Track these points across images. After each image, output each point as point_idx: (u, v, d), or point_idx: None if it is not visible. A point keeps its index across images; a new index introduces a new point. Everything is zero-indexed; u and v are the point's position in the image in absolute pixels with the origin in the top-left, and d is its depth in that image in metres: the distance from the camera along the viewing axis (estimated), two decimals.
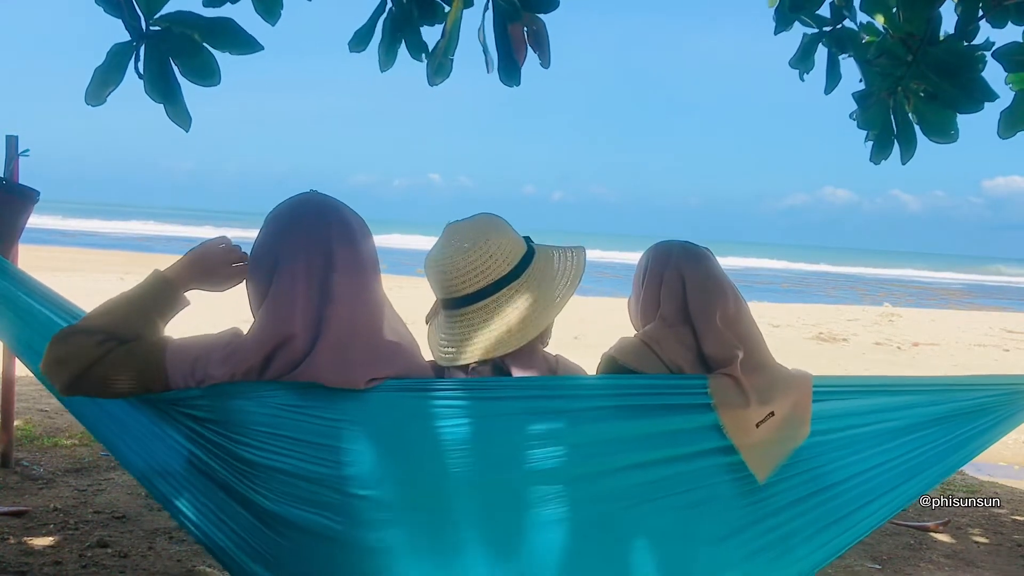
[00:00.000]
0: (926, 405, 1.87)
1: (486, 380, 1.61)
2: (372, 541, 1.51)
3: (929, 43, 2.95)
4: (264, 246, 1.60)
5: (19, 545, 3.23)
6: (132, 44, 2.38)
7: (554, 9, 2.96)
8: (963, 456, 1.92)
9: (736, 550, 1.64)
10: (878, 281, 34.16)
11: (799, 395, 1.70)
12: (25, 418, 4.91)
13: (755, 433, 1.62)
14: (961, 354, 11.06)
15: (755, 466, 1.62)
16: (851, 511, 1.76)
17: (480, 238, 1.66)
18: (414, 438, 1.52)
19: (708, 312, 1.71)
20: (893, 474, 1.81)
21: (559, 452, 1.54)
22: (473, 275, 1.64)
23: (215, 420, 1.57)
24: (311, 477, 1.51)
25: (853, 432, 1.79)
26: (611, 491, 1.57)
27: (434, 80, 3.11)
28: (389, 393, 1.53)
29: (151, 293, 1.64)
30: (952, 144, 3.09)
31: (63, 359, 1.53)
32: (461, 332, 1.66)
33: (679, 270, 1.76)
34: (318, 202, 1.63)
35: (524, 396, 1.57)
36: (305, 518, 1.52)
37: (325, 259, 1.54)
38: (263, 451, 1.53)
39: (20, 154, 2.94)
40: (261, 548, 1.60)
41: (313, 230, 1.57)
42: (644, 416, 1.59)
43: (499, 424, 1.53)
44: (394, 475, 1.50)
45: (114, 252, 23.99)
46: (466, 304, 1.66)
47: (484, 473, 1.52)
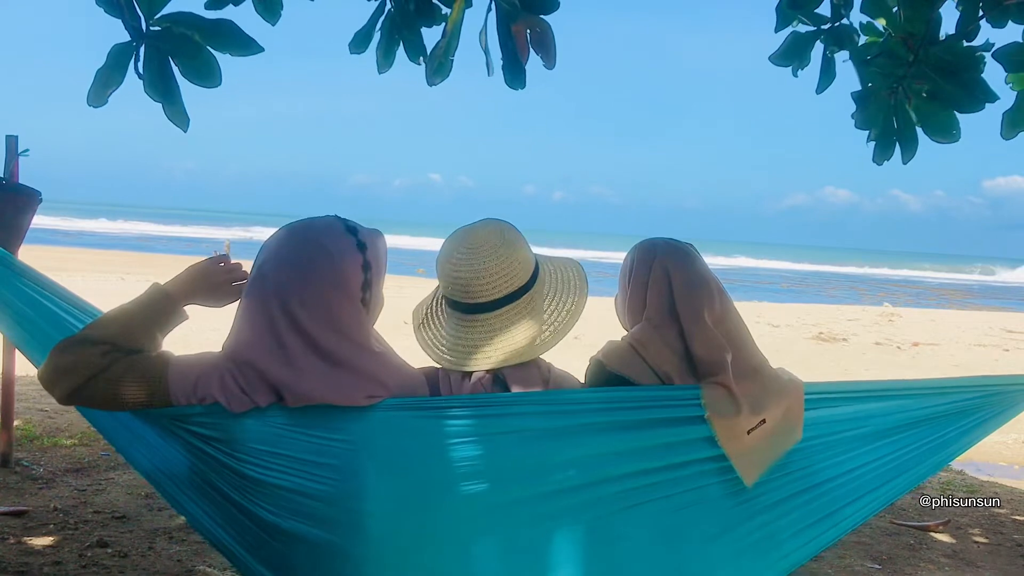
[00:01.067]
0: (916, 408, 1.89)
1: (483, 397, 1.60)
2: (375, 557, 1.52)
3: (930, 43, 2.95)
4: (259, 271, 1.58)
5: (19, 545, 3.23)
6: (132, 44, 2.38)
7: (555, 10, 2.94)
8: (951, 453, 1.95)
9: (726, 548, 1.66)
10: (878, 281, 34.17)
11: (791, 401, 1.70)
12: (25, 418, 4.91)
13: (746, 440, 1.62)
14: (961, 354, 11.07)
15: (744, 471, 1.63)
16: (838, 508, 1.78)
17: (507, 246, 1.65)
18: (415, 456, 1.52)
19: (695, 310, 1.70)
20: (880, 472, 1.83)
21: (558, 468, 1.55)
22: (497, 282, 1.63)
23: (216, 438, 1.58)
24: (313, 494, 1.52)
25: (842, 435, 1.80)
26: (603, 498, 1.57)
27: (433, 80, 3.10)
28: (388, 412, 1.52)
29: (151, 307, 1.64)
30: (953, 144, 3.09)
31: (65, 369, 1.54)
32: (474, 338, 1.65)
33: (664, 268, 1.75)
34: (303, 226, 1.60)
35: (523, 413, 1.57)
36: (308, 532, 1.54)
37: (308, 288, 1.52)
38: (264, 468, 1.54)
39: (20, 154, 2.94)
40: (267, 554, 1.62)
41: (297, 249, 1.55)
42: (640, 429, 1.60)
43: (498, 441, 1.53)
44: (396, 493, 1.51)
45: (114, 252, 24.00)
46: (484, 311, 1.64)
47: (484, 489, 1.52)
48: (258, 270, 1.58)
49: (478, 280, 1.62)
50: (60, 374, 1.54)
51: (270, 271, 1.55)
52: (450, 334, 1.68)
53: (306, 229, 1.59)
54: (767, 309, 15.43)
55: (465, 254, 1.64)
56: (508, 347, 1.63)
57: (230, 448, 1.56)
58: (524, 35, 2.89)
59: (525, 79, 3.02)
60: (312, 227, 1.60)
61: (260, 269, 1.57)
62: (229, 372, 1.53)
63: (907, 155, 3.10)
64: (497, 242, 1.65)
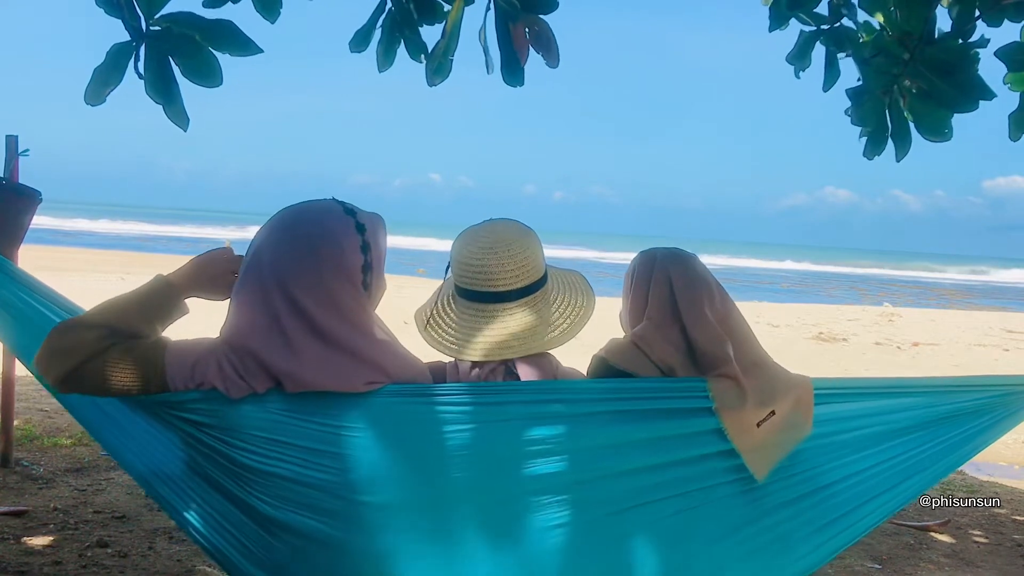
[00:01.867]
0: (924, 407, 1.87)
1: (485, 385, 1.60)
2: (374, 547, 1.51)
3: (926, 42, 2.96)
4: (255, 256, 1.56)
5: (19, 545, 3.23)
6: (132, 44, 2.38)
7: (553, 10, 2.95)
8: (961, 456, 1.93)
9: (734, 549, 1.64)
10: (878, 281, 34.16)
11: (800, 392, 1.69)
12: (25, 418, 4.91)
13: (756, 433, 1.62)
14: (961, 354, 11.06)
15: (755, 466, 1.62)
16: (849, 510, 1.76)
17: (527, 237, 1.70)
18: (415, 443, 1.51)
19: (697, 305, 1.71)
20: (891, 474, 1.82)
21: (560, 457, 1.54)
22: (518, 271, 1.66)
23: (213, 425, 1.56)
24: (311, 483, 1.51)
25: (851, 434, 1.79)
26: (612, 494, 1.56)
27: (433, 80, 3.10)
28: (389, 399, 1.52)
29: (153, 296, 1.64)
30: (953, 144, 3.11)
31: (62, 350, 1.52)
32: (490, 328, 1.66)
33: (665, 271, 1.77)
34: (301, 207, 1.60)
35: (524, 401, 1.56)
36: (306, 524, 1.52)
37: (307, 271, 1.51)
38: (262, 456, 1.52)
39: (20, 154, 2.94)
40: (261, 553, 1.60)
41: (287, 231, 1.55)
42: (645, 420, 1.59)
43: (500, 429, 1.53)
44: (395, 481, 1.50)
45: (114, 252, 23.99)
46: (503, 300, 1.67)
47: (485, 478, 1.51)
48: (254, 254, 1.56)
49: (501, 267, 1.66)
50: (56, 356, 1.52)
51: (267, 254, 1.54)
52: (464, 325, 1.69)
53: (303, 211, 1.58)
54: (767, 309, 15.43)
55: (488, 243, 1.68)
56: (526, 338, 1.65)
57: (227, 436, 1.54)
58: (523, 34, 2.90)
59: (523, 76, 3.03)
60: (310, 209, 1.59)
61: (256, 253, 1.56)
62: (226, 357, 1.52)
63: (900, 153, 3.12)
64: (518, 234, 1.70)
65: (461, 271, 1.70)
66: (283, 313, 1.49)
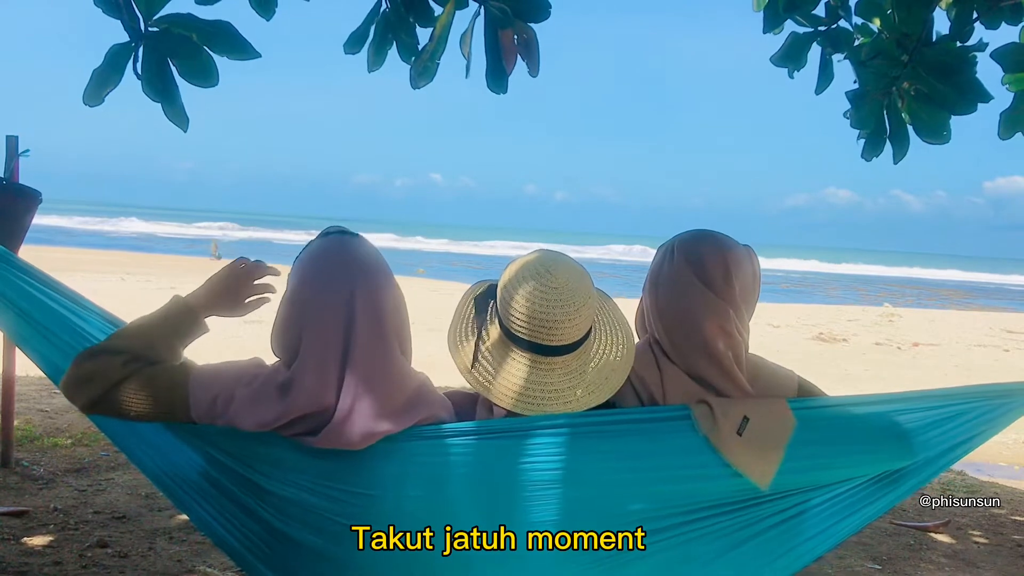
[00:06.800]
0: (908, 413, 1.82)
1: (493, 423, 1.58)
2: (376, 572, 1.52)
3: (924, 44, 2.96)
4: (293, 296, 1.54)
5: (19, 545, 3.24)
6: (131, 45, 2.38)
7: (545, 19, 2.94)
8: (947, 461, 1.90)
9: (735, 560, 1.65)
10: (878, 281, 34.15)
11: (763, 383, 1.70)
12: (25, 418, 4.91)
13: (741, 443, 1.60)
14: (961, 354, 11.07)
15: (756, 475, 1.60)
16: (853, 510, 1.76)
17: (587, 283, 1.61)
18: (420, 478, 1.51)
19: (680, 334, 1.70)
20: (876, 483, 1.79)
21: (560, 492, 1.53)
22: (583, 324, 1.59)
23: (231, 453, 1.59)
24: (320, 510, 1.53)
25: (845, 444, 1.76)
26: (617, 525, 1.55)
27: (417, 83, 3.10)
28: (413, 442, 1.52)
29: (173, 320, 1.65)
30: (954, 144, 3.11)
31: (88, 377, 1.55)
32: (553, 381, 1.59)
33: (654, 296, 1.76)
34: (342, 251, 1.56)
35: (526, 437, 1.55)
36: (316, 542, 1.55)
37: (348, 318, 1.50)
38: (275, 482, 1.55)
39: (20, 154, 2.94)
40: (272, 557, 1.63)
41: (338, 284, 1.52)
42: (641, 445, 1.58)
43: (501, 465, 1.53)
44: (411, 516, 1.50)
45: (114, 252, 24.01)
46: (562, 352, 1.59)
47: (488, 514, 1.51)
48: (309, 288, 1.52)
49: (569, 321, 1.55)
50: (81, 383, 1.55)
51: (338, 283, 1.52)
52: (523, 378, 1.59)
53: (357, 241, 1.59)
54: (767, 309, 15.42)
55: (553, 294, 1.55)
56: (591, 388, 1.60)
57: (243, 461, 1.58)
58: (512, 41, 2.90)
59: (507, 83, 3.01)
60: (363, 241, 1.61)
61: (317, 284, 1.52)
62: (259, 390, 1.50)
63: (898, 155, 3.12)
64: (580, 282, 1.58)
65: (522, 321, 1.57)
66: (358, 331, 1.51)
